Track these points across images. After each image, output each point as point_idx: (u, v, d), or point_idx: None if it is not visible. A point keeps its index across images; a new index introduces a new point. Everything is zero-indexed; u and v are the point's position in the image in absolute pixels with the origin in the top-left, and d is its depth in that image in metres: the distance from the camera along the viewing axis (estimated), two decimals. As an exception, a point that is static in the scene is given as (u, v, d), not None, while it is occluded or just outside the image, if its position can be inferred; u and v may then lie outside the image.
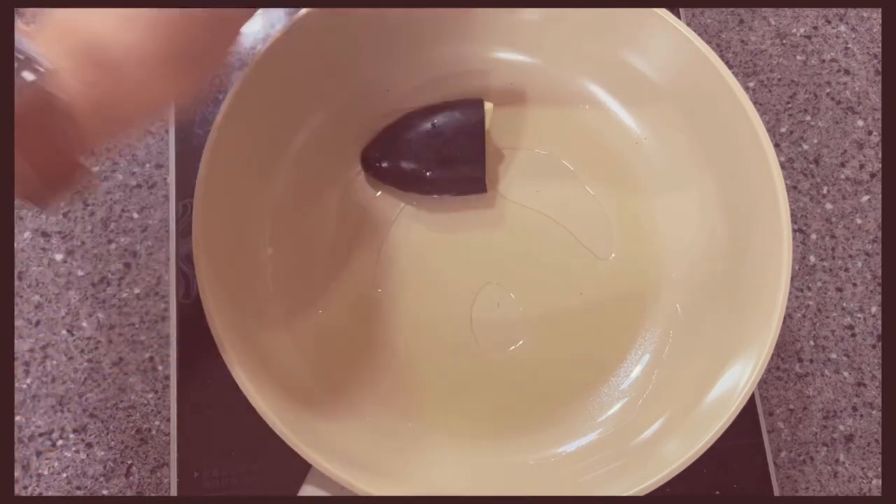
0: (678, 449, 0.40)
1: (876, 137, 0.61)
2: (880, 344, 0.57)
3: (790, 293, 0.56)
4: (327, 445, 0.41)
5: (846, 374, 0.56)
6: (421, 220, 0.50)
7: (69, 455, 0.53)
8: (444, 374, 0.48)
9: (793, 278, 0.57)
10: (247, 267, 0.45)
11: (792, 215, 0.55)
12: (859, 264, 0.58)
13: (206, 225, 0.42)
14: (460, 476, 0.45)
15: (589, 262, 0.50)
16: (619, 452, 0.44)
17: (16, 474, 0.52)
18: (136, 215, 0.57)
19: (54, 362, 0.55)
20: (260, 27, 0.57)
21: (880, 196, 0.59)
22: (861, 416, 0.56)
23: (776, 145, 0.60)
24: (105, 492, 0.53)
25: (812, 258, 0.58)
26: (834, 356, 0.57)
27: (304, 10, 0.44)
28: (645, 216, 0.50)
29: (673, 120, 0.49)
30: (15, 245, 0.56)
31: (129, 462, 0.53)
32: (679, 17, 0.52)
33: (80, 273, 0.56)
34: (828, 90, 0.62)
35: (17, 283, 0.55)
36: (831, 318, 0.57)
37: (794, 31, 0.63)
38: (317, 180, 0.49)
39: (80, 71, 0.29)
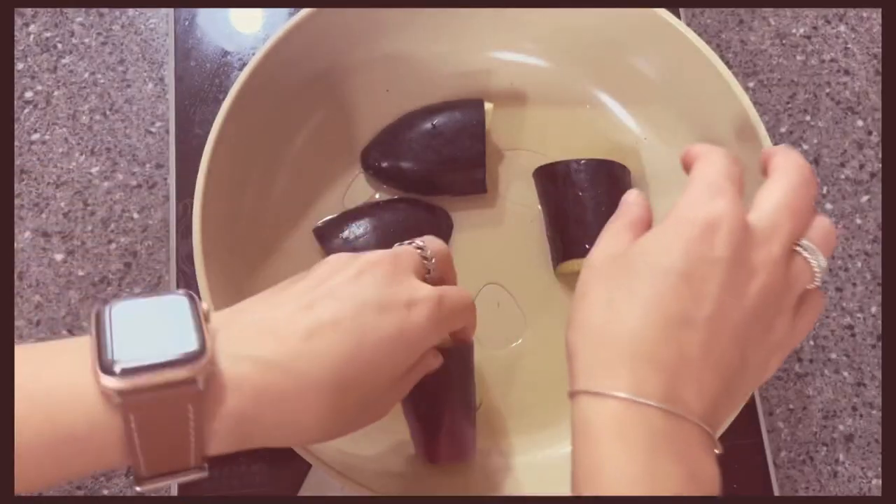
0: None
1: (876, 137, 0.61)
2: (880, 344, 0.57)
3: (790, 293, 0.56)
4: (327, 445, 0.41)
5: (846, 373, 0.56)
6: (421, 220, 0.50)
7: (69, 455, 0.53)
8: (444, 374, 0.48)
9: (792, 278, 0.57)
10: (247, 267, 0.45)
11: (792, 215, 0.54)
12: (859, 264, 0.58)
13: (207, 225, 0.42)
14: (460, 476, 0.45)
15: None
16: (619, 452, 0.44)
17: (16, 474, 0.52)
18: (136, 215, 0.57)
19: (55, 362, 0.55)
20: (260, 27, 0.57)
21: (880, 196, 0.59)
22: (861, 415, 0.56)
23: (776, 145, 0.61)
24: (105, 491, 0.53)
25: (812, 258, 0.58)
26: (834, 356, 0.57)
27: (304, 10, 0.44)
28: (645, 216, 0.50)
29: (673, 120, 0.49)
30: (15, 245, 0.56)
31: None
32: (679, 18, 0.52)
33: (80, 273, 0.56)
34: (827, 90, 0.62)
35: (17, 282, 0.55)
36: (831, 317, 0.57)
37: (793, 31, 0.63)
38: (317, 180, 0.49)
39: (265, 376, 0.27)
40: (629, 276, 0.29)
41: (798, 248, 0.30)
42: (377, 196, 0.50)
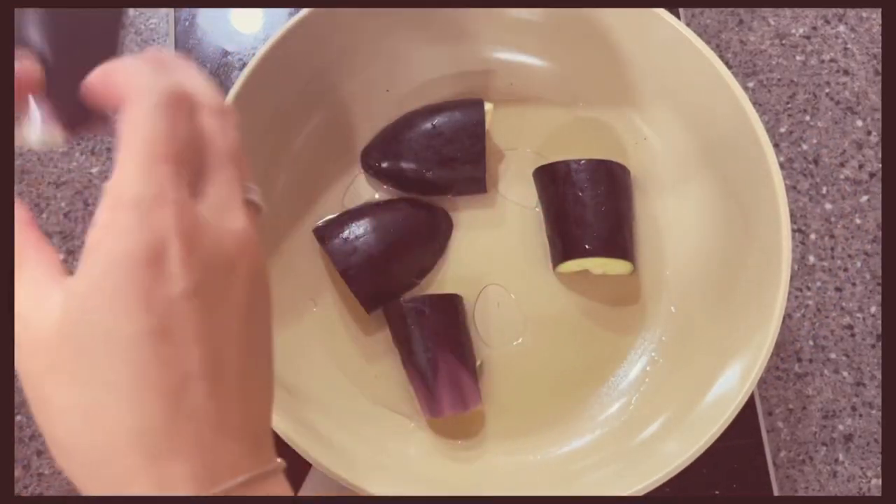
0: (678, 448, 0.40)
1: (875, 137, 0.61)
2: (879, 344, 0.57)
3: (789, 293, 0.56)
4: (327, 445, 0.41)
5: (845, 373, 0.56)
6: (421, 220, 0.50)
7: (70, 455, 0.53)
8: (444, 374, 0.48)
9: (792, 278, 0.57)
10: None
11: (791, 215, 0.55)
12: (858, 264, 0.58)
13: (207, 225, 0.42)
14: (461, 475, 0.45)
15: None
16: (620, 452, 0.44)
17: (16, 474, 0.52)
18: (136, 215, 0.57)
19: (55, 362, 0.55)
20: (260, 27, 0.57)
21: (880, 196, 0.59)
22: (860, 415, 0.56)
23: (776, 145, 0.61)
24: (105, 491, 0.53)
25: (811, 258, 0.59)
26: (833, 356, 0.57)
27: (304, 10, 0.44)
28: (644, 216, 0.50)
29: (672, 120, 0.49)
30: (15, 245, 0.56)
31: (130, 462, 0.53)
32: (679, 18, 0.52)
33: (80, 273, 0.56)
34: (827, 90, 0.62)
35: (17, 282, 0.55)
36: (830, 317, 0.57)
37: (793, 31, 0.63)
38: (317, 180, 0.50)
39: None
40: (90, 363, 0.21)
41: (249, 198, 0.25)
42: (377, 196, 0.50)
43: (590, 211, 0.47)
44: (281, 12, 0.58)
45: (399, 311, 0.45)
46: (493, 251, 0.50)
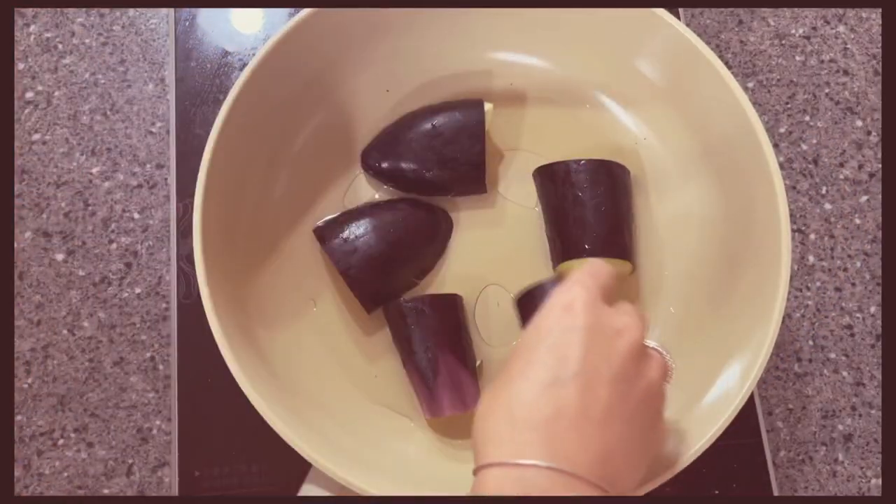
0: (677, 448, 0.40)
1: (875, 138, 0.61)
2: (879, 343, 0.57)
3: (789, 293, 0.56)
4: (327, 445, 0.41)
5: (845, 373, 0.56)
6: (421, 220, 0.50)
7: (70, 454, 0.53)
8: (444, 374, 0.48)
9: (792, 278, 0.57)
10: (247, 266, 0.46)
11: (791, 215, 0.55)
12: (858, 264, 0.58)
13: (207, 225, 0.42)
14: (461, 475, 0.45)
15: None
16: (619, 452, 0.44)
17: (17, 474, 0.52)
18: (136, 215, 0.57)
19: (55, 362, 0.55)
20: (260, 27, 0.57)
21: (879, 196, 0.59)
22: (860, 415, 0.56)
23: (775, 145, 0.61)
24: (106, 491, 0.53)
25: (811, 258, 0.59)
26: (833, 356, 0.57)
27: (304, 10, 0.44)
28: (644, 216, 0.50)
29: (672, 120, 0.49)
30: (16, 245, 0.56)
31: (130, 461, 0.53)
32: (678, 18, 0.52)
33: (80, 273, 0.56)
34: (827, 90, 0.62)
35: (17, 282, 0.55)
36: (830, 317, 0.57)
37: (793, 31, 0.63)
38: (317, 180, 0.50)
39: None
40: (523, 354, 0.34)
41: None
42: (377, 196, 0.50)
43: (589, 211, 0.47)
44: (281, 12, 0.58)
45: (399, 311, 0.45)
46: (493, 251, 0.50)
